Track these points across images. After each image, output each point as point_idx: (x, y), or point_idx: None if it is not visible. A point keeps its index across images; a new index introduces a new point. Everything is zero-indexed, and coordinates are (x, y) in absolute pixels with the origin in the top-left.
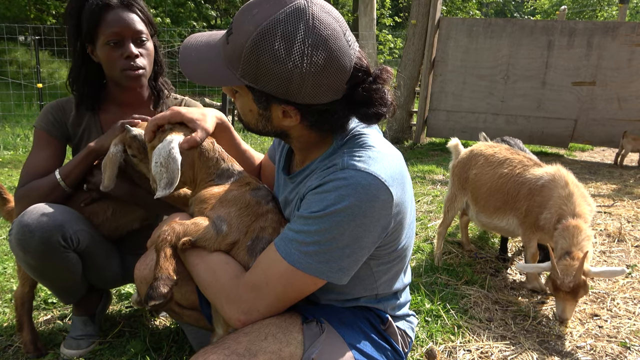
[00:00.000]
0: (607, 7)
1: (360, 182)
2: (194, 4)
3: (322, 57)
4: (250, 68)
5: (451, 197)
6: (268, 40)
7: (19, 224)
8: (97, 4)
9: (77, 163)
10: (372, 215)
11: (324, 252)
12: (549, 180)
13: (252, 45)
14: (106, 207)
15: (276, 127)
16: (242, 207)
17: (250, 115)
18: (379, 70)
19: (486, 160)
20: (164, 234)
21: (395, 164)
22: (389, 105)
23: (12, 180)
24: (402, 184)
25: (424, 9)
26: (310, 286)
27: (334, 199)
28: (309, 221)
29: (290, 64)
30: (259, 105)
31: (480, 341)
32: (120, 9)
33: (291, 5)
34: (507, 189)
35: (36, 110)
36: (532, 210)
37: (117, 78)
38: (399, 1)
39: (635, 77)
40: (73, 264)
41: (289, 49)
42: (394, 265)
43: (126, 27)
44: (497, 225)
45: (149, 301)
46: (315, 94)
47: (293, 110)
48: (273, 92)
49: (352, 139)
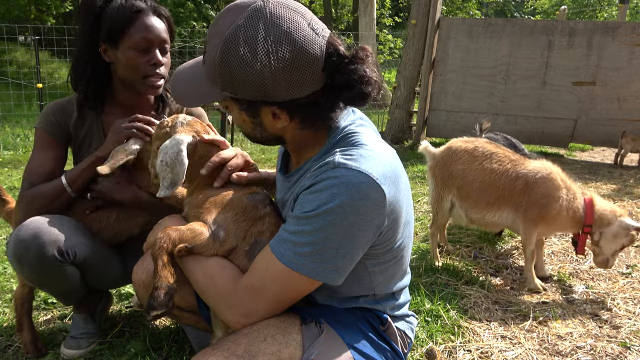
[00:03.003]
0: (607, 7)
1: (352, 181)
2: (193, 4)
3: (287, 50)
4: (226, 79)
5: (437, 198)
6: (233, 48)
7: (15, 239)
8: (129, 7)
9: (83, 169)
10: (365, 214)
11: (318, 253)
12: (547, 173)
13: (221, 57)
14: (109, 213)
15: (271, 132)
16: (240, 211)
17: (246, 126)
18: (355, 51)
19: (470, 155)
20: (160, 242)
21: (388, 162)
22: (373, 84)
23: (12, 180)
24: (395, 183)
25: (424, 9)
26: (307, 286)
27: (325, 198)
28: (302, 221)
29: (259, 65)
30: (248, 114)
31: (480, 341)
32: (152, 15)
33: (249, 9)
34: (500, 184)
35: (36, 110)
36: (536, 203)
37: (135, 82)
38: (399, 1)
39: (635, 77)
40: (70, 275)
41: (254, 50)
42: (390, 265)
43: (157, 34)
44: (488, 220)
45: (150, 311)
46: (292, 88)
47: (278, 110)
48: (252, 97)
49: (344, 138)
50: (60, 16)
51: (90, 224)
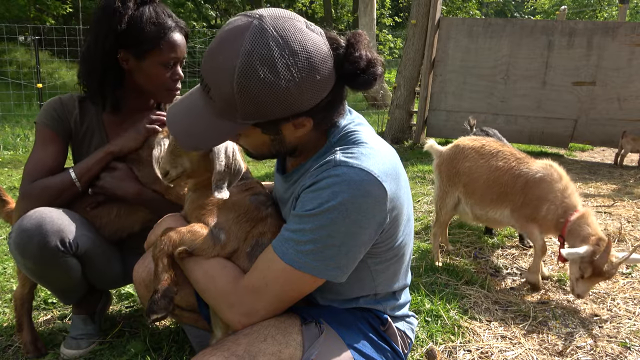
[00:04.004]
0: (607, 7)
1: (353, 178)
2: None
3: (304, 58)
4: (249, 107)
5: (441, 195)
6: (252, 74)
7: (18, 229)
8: (161, 25)
9: (93, 163)
10: (367, 211)
11: (320, 251)
12: (547, 174)
13: (240, 88)
14: (110, 209)
15: (289, 144)
16: (241, 213)
17: (263, 147)
18: (350, 37)
19: (477, 153)
20: (161, 244)
21: (389, 160)
22: (378, 63)
23: (11, 180)
24: (396, 180)
25: (424, 9)
26: (309, 285)
27: (327, 196)
28: (304, 219)
29: (283, 82)
30: (270, 133)
31: (480, 341)
32: (178, 32)
33: (249, 33)
34: (503, 181)
35: (36, 110)
36: (529, 203)
37: (154, 93)
38: (399, 1)
39: (635, 77)
40: (72, 268)
41: (274, 70)
42: (392, 263)
43: (182, 52)
44: (490, 217)
45: (151, 315)
46: (317, 92)
47: (305, 119)
48: (280, 115)
49: (344, 137)
50: (60, 16)
51: (92, 221)
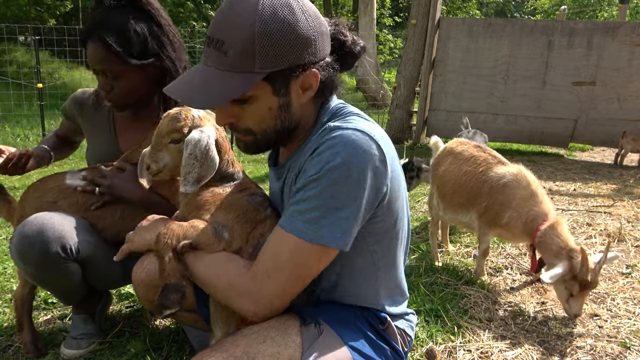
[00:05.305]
0: (607, 7)
1: (351, 137)
2: (193, 4)
3: (311, 7)
4: (269, 52)
5: (430, 195)
6: (273, 15)
7: (19, 235)
8: (82, 31)
9: None
10: (366, 169)
11: (325, 216)
12: (511, 180)
13: (262, 30)
14: (114, 210)
15: (293, 115)
16: (240, 213)
17: (269, 117)
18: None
19: (454, 157)
20: (164, 238)
21: (382, 133)
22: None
23: (12, 180)
24: (391, 148)
25: (424, 9)
26: (319, 258)
27: (328, 158)
28: (308, 187)
29: (301, 24)
30: (280, 93)
31: (480, 341)
32: (92, 42)
33: None
34: (470, 186)
35: (36, 110)
36: (492, 208)
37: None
38: (399, 1)
39: (635, 77)
40: (73, 273)
41: (292, 11)
42: (390, 244)
43: (98, 63)
44: (461, 220)
45: (163, 310)
46: (323, 43)
47: (313, 73)
48: (295, 61)
49: (335, 114)
50: (61, 16)
51: (95, 221)
